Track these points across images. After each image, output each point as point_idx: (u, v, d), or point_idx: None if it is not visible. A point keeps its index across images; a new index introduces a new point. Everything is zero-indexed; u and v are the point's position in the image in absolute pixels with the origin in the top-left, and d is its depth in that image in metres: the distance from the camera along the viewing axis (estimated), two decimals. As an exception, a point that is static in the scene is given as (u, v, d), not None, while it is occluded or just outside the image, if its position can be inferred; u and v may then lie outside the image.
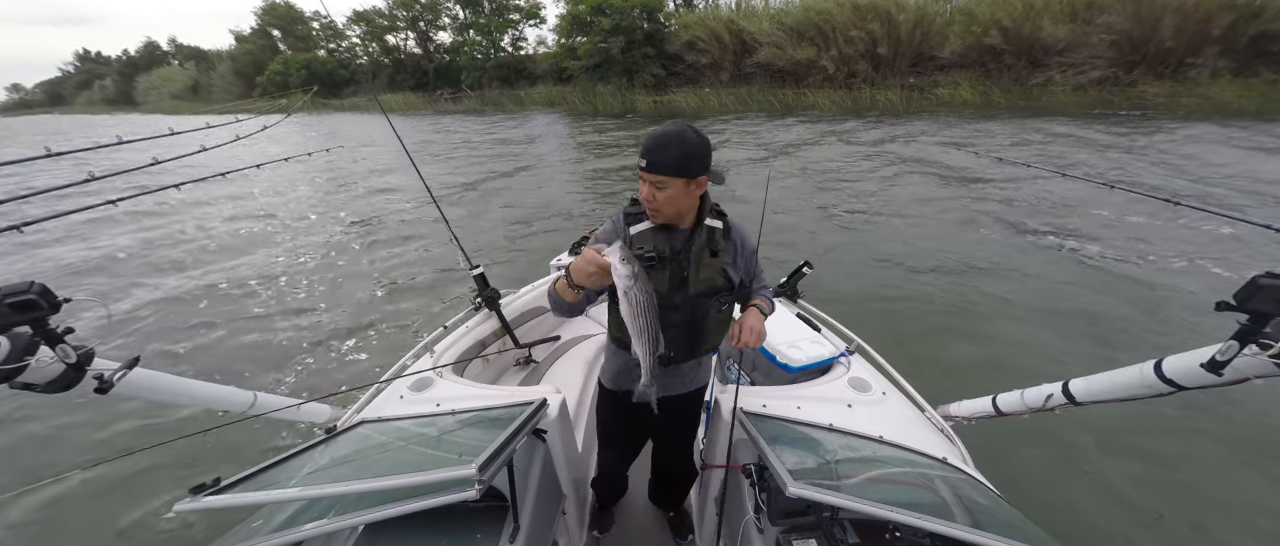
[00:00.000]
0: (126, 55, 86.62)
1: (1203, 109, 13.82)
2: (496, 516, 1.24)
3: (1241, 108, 13.35)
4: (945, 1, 20.24)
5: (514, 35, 38.81)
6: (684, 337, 1.50)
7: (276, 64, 47.03)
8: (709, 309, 1.48)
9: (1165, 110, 14.30)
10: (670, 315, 1.46)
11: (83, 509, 2.68)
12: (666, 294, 1.44)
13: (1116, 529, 2.52)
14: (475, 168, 12.03)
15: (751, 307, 1.51)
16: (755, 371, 2.10)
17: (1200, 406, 3.18)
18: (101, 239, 6.83)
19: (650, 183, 1.31)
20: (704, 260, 1.43)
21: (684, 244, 1.43)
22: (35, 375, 1.02)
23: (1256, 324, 1.00)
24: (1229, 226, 5.99)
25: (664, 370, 1.57)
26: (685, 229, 1.45)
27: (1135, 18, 15.35)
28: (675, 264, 1.43)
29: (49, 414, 3.38)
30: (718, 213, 1.49)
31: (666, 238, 1.43)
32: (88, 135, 25.21)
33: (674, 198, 1.33)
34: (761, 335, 1.44)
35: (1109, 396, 1.34)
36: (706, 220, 1.45)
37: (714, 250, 1.44)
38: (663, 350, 1.38)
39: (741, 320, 1.46)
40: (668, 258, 1.42)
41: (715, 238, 1.45)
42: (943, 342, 4.09)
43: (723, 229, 1.47)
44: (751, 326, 1.43)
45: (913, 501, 1.14)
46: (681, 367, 1.61)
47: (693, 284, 1.44)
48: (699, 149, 1.29)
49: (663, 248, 1.42)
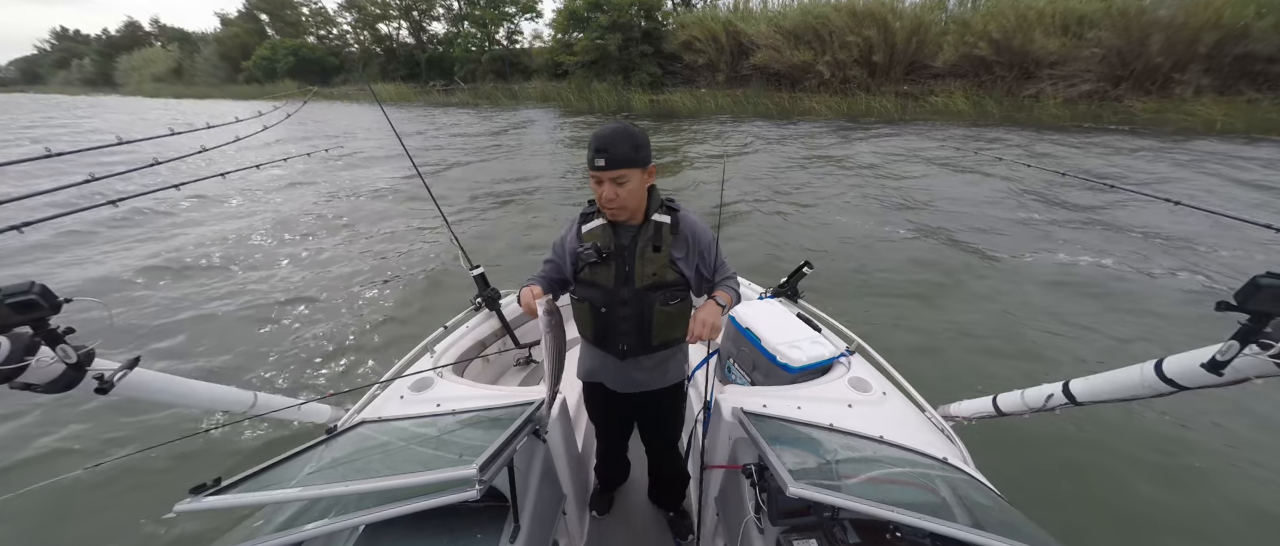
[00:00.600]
0: (106, 34, 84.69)
1: (1192, 126, 13.91)
2: (497, 516, 1.24)
3: (1228, 126, 13.43)
4: (940, 10, 20.27)
5: (509, 28, 38.27)
6: (634, 331, 1.55)
7: (264, 49, 46.47)
8: (654, 303, 1.50)
9: (1153, 126, 14.41)
10: (619, 309, 1.52)
11: (83, 509, 2.68)
12: (614, 288, 1.50)
13: (1117, 529, 2.52)
14: (473, 165, 12.03)
15: (708, 301, 1.51)
16: (755, 371, 2.10)
17: (1202, 406, 3.18)
18: (102, 240, 6.81)
19: (610, 179, 1.36)
20: (646, 255, 1.47)
21: (631, 239, 1.48)
22: (35, 375, 1.02)
23: (1257, 324, 1.00)
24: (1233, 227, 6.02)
25: (622, 364, 1.63)
26: (634, 224, 1.50)
27: (1124, 34, 15.50)
28: (619, 259, 1.48)
29: (49, 414, 3.37)
30: (668, 208, 1.52)
31: (614, 234, 1.49)
32: (55, 117, 24.89)
33: (636, 189, 1.39)
34: (715, 328, 1.44)
35: (1109, 396, 1.34)
36: (654, 215, 1.49)
37: (657, 245, 1.47)
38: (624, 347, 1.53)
39: (696, 313, 1.46)
40: (613, 253, 1.47)
41: (661, 232, 1.48)
42: (943, 342, 4.10)
43: (671, 223, 1.49)
44: (703, 320, 1.44)
45: (913, 501, 1.14)
46: (641, 362, 1.63)
47: (638, 278, 1.47)
48: (644, 139, 1.38)
49: (609, 244, 1.48)
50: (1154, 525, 2.53)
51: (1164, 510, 2.60)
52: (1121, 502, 2.65)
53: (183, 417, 3.23)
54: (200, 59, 58.50)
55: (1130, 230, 6.42)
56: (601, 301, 1.53)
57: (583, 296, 1.57)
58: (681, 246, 1.50)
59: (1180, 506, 2.62)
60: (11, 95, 66.86)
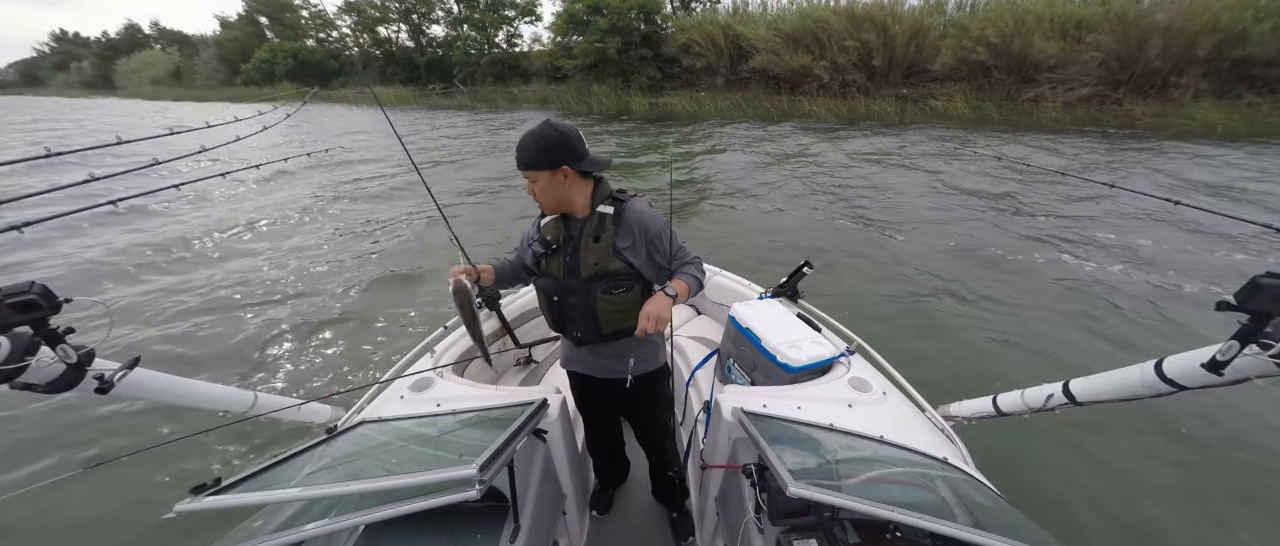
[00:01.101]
0: (106, 37, 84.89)
1: (1192, 130, 13.87)
2: (497, 516, 1.23)
3: (1229, 130, 13.40)
4: (939, 14, 20.30)
5: (509, 31, 38.40)
6: (584, 319, 1.61)
7: (263, 52, 46.58)
8: (597, 292, 1.55)
9: (1153, 130, 14.37)
10: (569, 298, 1.59)
11: (83, 509, 2.67)
12: (563, 279, 1.58)
13: (1118, 529, 2.52)
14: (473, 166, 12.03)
15: (657, 292, 1.50)
16: (755, 371, 2.09)
17: (1202, 406, 3.19)
18: (101, 240, 6.81)
19: (526, 178, 1.48)
20: (588, 245, 1.52)
21: (578, 231, 1.54)
22: (36, 375, 1.02)
23: (1257, 324, 1.00)
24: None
25: (590, 351, 1.72)
26: (581, 217, 1.56)
27: (1123, 37, 15.51)
28: (567, 250, 1.55)
29: (48, 414, 3.36)
30: (614, 199, 1.57)
31: (564, 227, 1.57)
32: (42, 121, 24.90)
33: (547, 189, 1.47)
34: (660, 320, 1.42)
35: (1109, 396, 1.34)
36: (599, 207, 1.54)
37: (597, 235, 1.52)
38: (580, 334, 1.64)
39: (645, 306, 1.44)
40: (561, 245, 1.55)
41: (603, 223, 1.53)
42: (942, 342, 4.10)
43: (614, 214, 1.54)
44: (648, 313, 1.43)
45: (914, 501, 1.14)
46: (599, 350, 1.70)
47: (583, 268, 1.53)
48: (554, 142, 1.42)
49: (558, 236, 1.56)
50: (1154, 525, 2.53)
51: (1164, 510, 2.60)
52: (1122, 502, 2.64)
53: (183, 418, 3.23)
54: (199, 62, 58.57)
55: (1131, 230, 6.43)
56: (553, 290, 1.62)
57: (539, 286, 1.68)
58: (627, 236, 1.53)
59: (1180, 506, 2.61)
60: (10, 98, 66.84)
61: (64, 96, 66.67)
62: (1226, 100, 14.29)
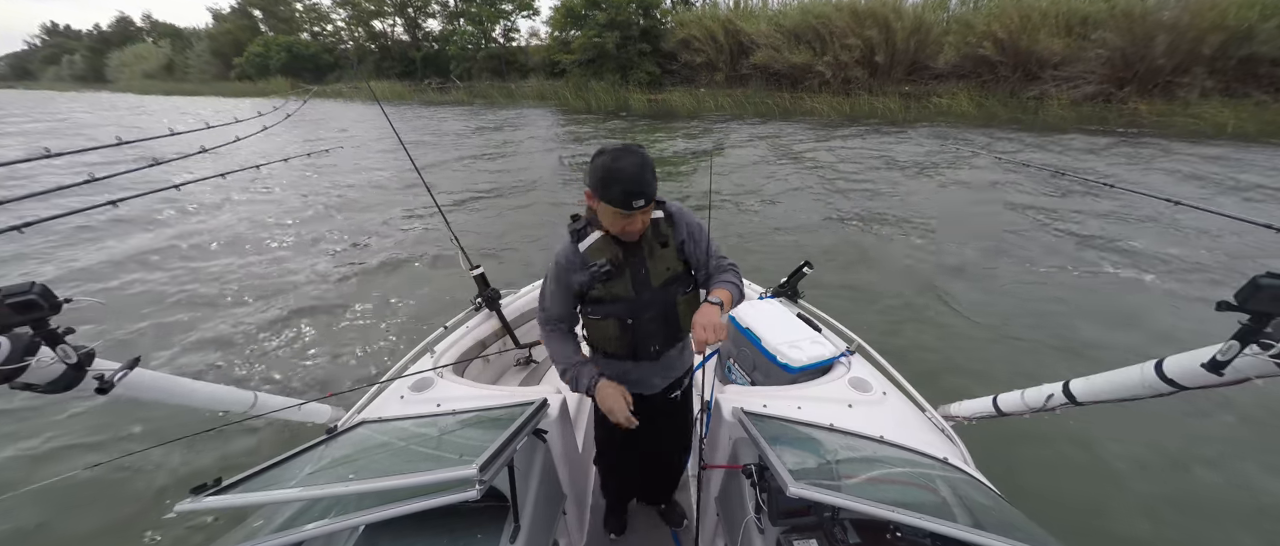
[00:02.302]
0: (98, 30, 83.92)
1: (1200, 129, 13.71)
2: (497, 516, 1.23)
3: (1239, 129, 13.25)
4: (942, 10, 20.20)
5: (506, 26, 37.71)
6: (661, 330, 1.55)
7: (256, 45, 46.08)
8: (675, 296, 1.52)
9: (1159, 128, 14.22)
10: (644, 313, 1.50)
11: (83, 509, 2.68)
12: (635, 296, 1.48)
13: (1119, 529, 2.52)
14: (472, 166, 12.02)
15: (704, 304, 1.41)
16: (755, 371, 2.10)
17: (1202, 406, 3.19)
18: (100, 240, 6.81)
19: (641, 214, 1.34)
20: (656, 252, 1.47)
21: (634, 244, 1.46)
22: (36, 375, 1.03)
23: (1257, 324, 1.00)
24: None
25: (654, 364, 1.62)
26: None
27: (1128, 35, 15.41)
28: (632, 265, 1.46)
29: (49, 414, 3.37)
30: (656, 203, 1.50)
31: (617, 243, 1.45)
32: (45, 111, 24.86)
33: (646, 214, 1.38)
34: (718, 328, 1.35)
35: (1110, 396, 1.34)
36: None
37: (664, 241, 1.48)
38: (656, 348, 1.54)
39: (696, 319, 1.36)
40: (624, 262, 1.45)
41: (660, 228, 1.48)
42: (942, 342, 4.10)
43: (665, 216, 1.50)
44: (703, 324, 1.34)
45: (914, 501, 1.14)
46: (668, 356, 1.65)
47: (654, 277, 1.48)
48: (653, 164, 1.35)
49: (617, 253, 1.44)
50: (1154, 524, 2.53)
51: (1164, 510, 2.60)
52: (1122, 502, 2.65)
53: (183, 418, 3.23)
54: (192, 55, 57.99)
55: (1129, 231, 6.42)
56: (626, 313, 1.48)
57: (604, 314, 1.50)
58: (681, 232, 1.52)
59: (1180, 506, 2.62)
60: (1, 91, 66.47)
61: (57, 90, 66.14)
62: (1234, 98, 14.16)
